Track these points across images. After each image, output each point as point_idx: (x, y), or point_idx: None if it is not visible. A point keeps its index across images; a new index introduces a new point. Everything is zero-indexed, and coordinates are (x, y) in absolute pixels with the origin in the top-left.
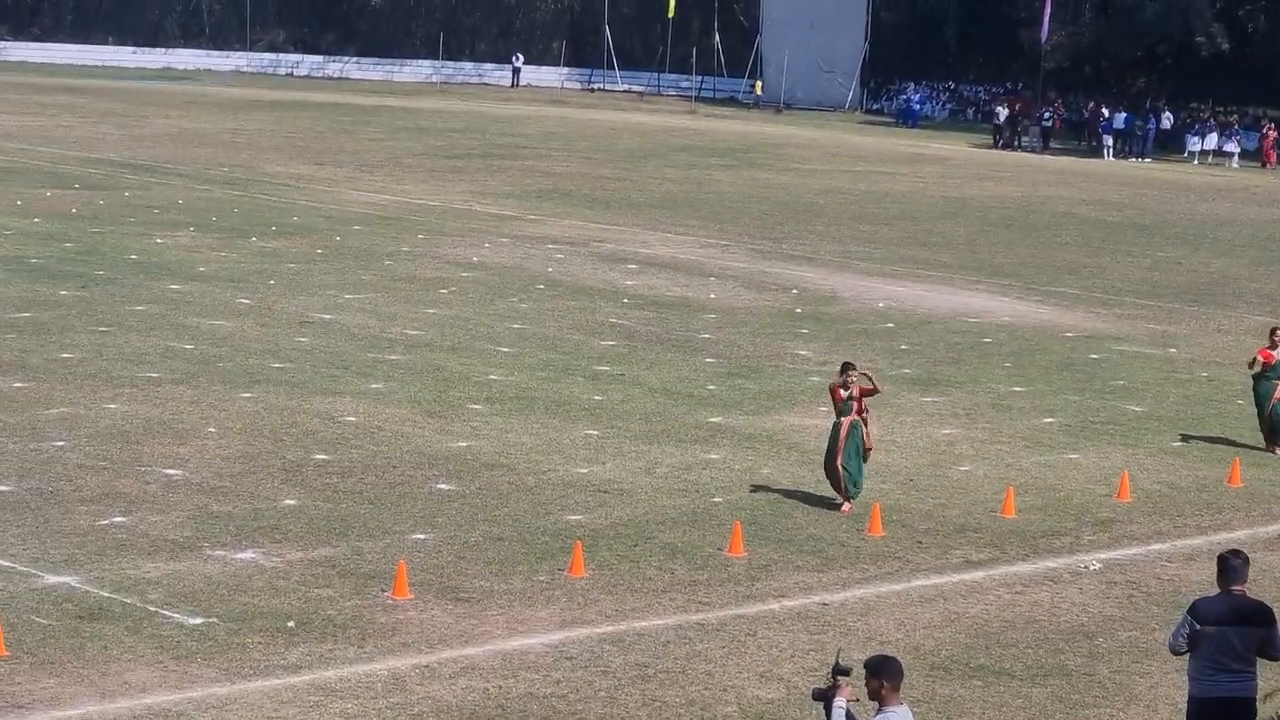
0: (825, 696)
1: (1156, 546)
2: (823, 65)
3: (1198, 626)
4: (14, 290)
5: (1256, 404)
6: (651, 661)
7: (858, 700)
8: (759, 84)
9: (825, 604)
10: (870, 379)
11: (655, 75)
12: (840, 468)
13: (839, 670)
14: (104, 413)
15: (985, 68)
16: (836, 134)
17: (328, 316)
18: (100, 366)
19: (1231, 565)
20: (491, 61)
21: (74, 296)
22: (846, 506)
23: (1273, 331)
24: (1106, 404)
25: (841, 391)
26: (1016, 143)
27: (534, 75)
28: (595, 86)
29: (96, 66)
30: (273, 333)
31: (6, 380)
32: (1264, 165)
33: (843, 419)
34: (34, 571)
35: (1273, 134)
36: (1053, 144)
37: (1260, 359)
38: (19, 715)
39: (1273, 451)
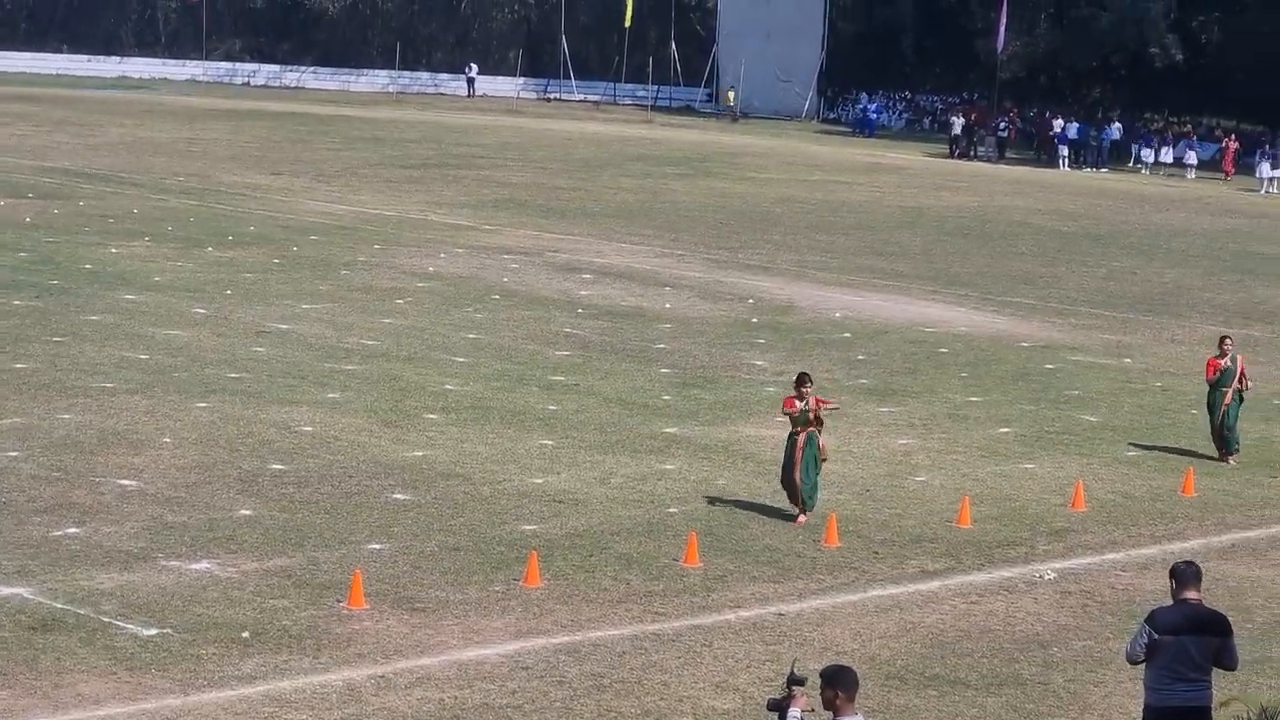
0: (780, 707)
1: (1111, 556)
2: (780, 75)
3: (1155, 636)
4: None
5: (1209, 412)
6: (607, 672)
7: (813, 710)
8: (731, 93)
9: (781, 614)
10: (827, 404)
11: (611, 85)
12: (798, 480)
13: (794, 680)
14: (58, 423)
15: (942, 78)
16: (793, 143)
17: (284, 326)
18: (54, 376)
19: (1182, 573)
20: (448, 71)
21: (28, 306)
22: (802, 518)
23: (1221, 340)
24: (1061, 414)
25: (798, 404)
26: (972, 152)
27: (490, 85)
28: (551, 96)
29: (51, 75)
30: (229, 342)
31: None
32: (1226, 176)
33: (799, 431)
34: None
35: (1233, 146)
36: (1008, 154)
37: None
38: None
39: (1225, 461)
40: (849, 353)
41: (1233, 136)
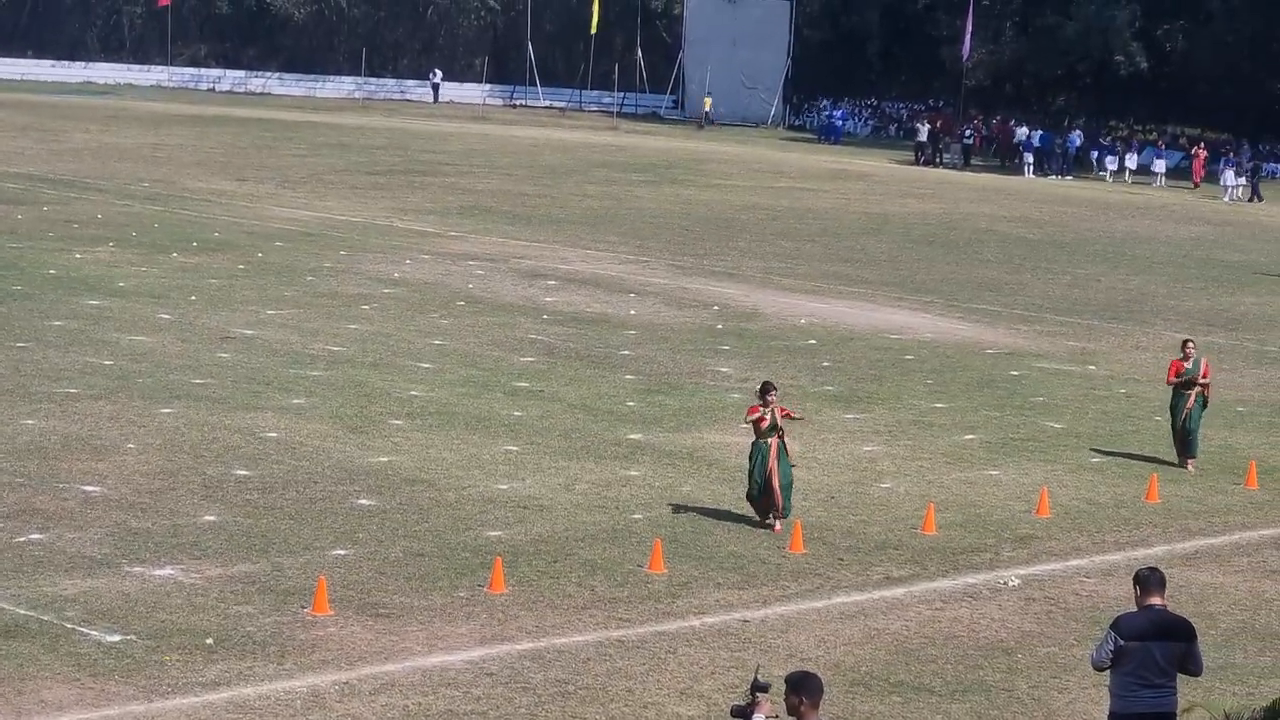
0: (744, 713)
1: (1075, 562)
2: (745, 81)
3: (1121, 642)
4: None
5: (1172, 415)
6: (572, 678)
7: (777, 717)
8: (708, 100)
9: (746, 621)
10: (792, 416)
11: (577, 91)
12: (778, 489)
13: (758, 687)
14: (21, 428)
15: (908, 85)
16: (759, 150)
17: (249, 332)
18: (18, 382)
19: (1146, 579)
20: (414, 78)
21: None
22: (779, 526)
23: (1184, 344)
24: (1026, 420)
25: (761, 410)
26: (938, 160)
27: (456, 91)
28: (517, 103)
29: (15, 80)
30: (193, 348)
31: None
32: (1195, 185)
33: (768, 441)
34: None
35: (1202, 154)
36: (974, 161)
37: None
38: None
39: (1185, 467)
40: (814, 360)
41: (1201, 145)
